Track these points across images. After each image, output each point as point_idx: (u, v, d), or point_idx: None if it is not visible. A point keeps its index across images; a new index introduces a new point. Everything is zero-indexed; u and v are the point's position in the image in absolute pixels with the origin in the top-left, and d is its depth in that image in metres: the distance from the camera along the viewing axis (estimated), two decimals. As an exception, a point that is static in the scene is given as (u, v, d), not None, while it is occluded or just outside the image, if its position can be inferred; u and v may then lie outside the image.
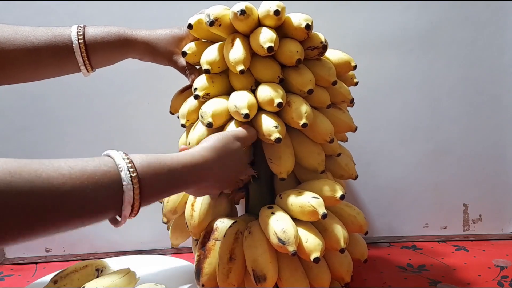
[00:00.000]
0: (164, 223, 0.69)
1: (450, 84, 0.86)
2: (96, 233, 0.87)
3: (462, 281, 0.72)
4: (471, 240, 0.88)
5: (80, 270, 0.68)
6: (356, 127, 0.68)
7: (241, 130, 0.59)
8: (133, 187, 0.42)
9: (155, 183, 0.45)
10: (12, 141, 0.84)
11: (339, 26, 0.67)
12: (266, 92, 0.59)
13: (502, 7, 0.83)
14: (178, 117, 0.68)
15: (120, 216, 0.43)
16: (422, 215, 0.88)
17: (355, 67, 0.67)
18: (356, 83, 0.70)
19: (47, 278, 0.69)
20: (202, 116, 0.60)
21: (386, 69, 0.85)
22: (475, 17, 0.84)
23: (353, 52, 0.68)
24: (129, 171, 0.42)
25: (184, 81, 0.69)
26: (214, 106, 0.60)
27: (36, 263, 0.86)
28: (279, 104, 0.58)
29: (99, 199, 0.40)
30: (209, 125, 0.59)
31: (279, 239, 0.55)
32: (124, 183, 0.42)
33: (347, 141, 0.73)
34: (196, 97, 0.61)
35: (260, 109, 0.61)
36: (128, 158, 0.43)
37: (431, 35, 0.84)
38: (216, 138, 0.55)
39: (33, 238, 0.38)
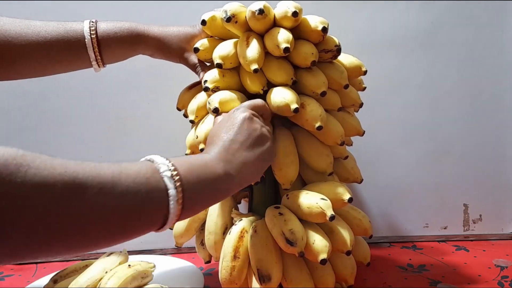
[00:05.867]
0: None
1: (450, 84, 0.86)
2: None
3: (462, 281, 0.72)
4: (471, 240, 0.88)
5: (80, 270, 0.68)
6: (364, 131, 0.68)
7: (248, 102, 0.56)
8: (176, 190, 0.40)
9: (198, 183, 0.42)
10: (12, 141, 0.84)
11: (340, 26, 0.67)
12: (281, 97, 0.58)
13: (502, 7, 0.83)
14: (184, 114, 0.68)
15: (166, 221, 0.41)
16: (422, 215, 0.88)
17: (365, 72, 0.67)
18: (364, 88, 0.70)
19: (47, 278, 0.69)
20: (209, 103, 0.59)
21: (386, 69, 0.85)
22: (475, 17, 0.84)
23: (354, 52, 0.68)
24: (171, 174, 0.40)
25: (186, 80, 0.69)
26: (222, 95, 0.59)
27: (37, 263, 0.86)
28: (296, 110, 0.57)
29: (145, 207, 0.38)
30: (215, 111, 0.58)
31: (287, 239, 0.55)
32: (168, 188, 0.39)
33: (352, 145, 0.73)
34: (206, 89, 0.60)
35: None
36: (168, 160, 0.41)
37: (432, 35, 0.84)
38: (220, 119, 0.54)
39: (61, 253, 0.35)
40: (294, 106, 0.57)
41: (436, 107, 0.86)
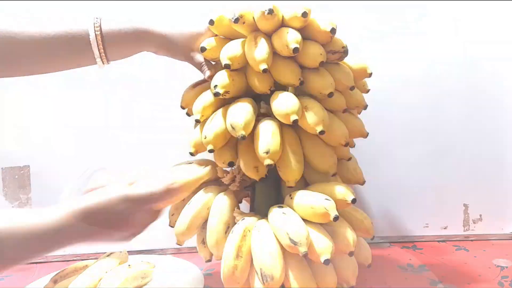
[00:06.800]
0: None
1: (450, 85, 0.86)
2: (96, 233, 0.87)
3: (462, 281, 0.72)
4: (471, 240, 0.88)
5: (80, 270, 0.68)
6: (368, 133, 0.68)
7: (143, 192, 0.49)
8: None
9: None
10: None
11: (339, 26, 0.67)
12: (283, 106, 0.58)
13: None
14: (187, 113, 0.68)
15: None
16: (422, 215, 0.89)
17: (370, 75, 0.67)
18: (368, 91, 0.70)
19: (47, 278, 0.69)
20: (233, 128, 0.58)
21: (386, 69, 0.85)
22: (475, 17, 0.84)
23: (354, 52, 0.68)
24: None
25: (186, 80, 0.69)
26: (244, 116, 0.58)
27: (36, 263, 0.85)
28: (295, 122, 0.57)
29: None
30: (242, 138, 0.57)
31: (290, 239, 0.55)
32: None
33: (354, 146, 0.73)
34: (217, 94, 0.60)
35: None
36: None
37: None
38: (97, 199, 0.48)
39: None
40: (293, 117, 0.57)
41: (436, 107, 0.86)
